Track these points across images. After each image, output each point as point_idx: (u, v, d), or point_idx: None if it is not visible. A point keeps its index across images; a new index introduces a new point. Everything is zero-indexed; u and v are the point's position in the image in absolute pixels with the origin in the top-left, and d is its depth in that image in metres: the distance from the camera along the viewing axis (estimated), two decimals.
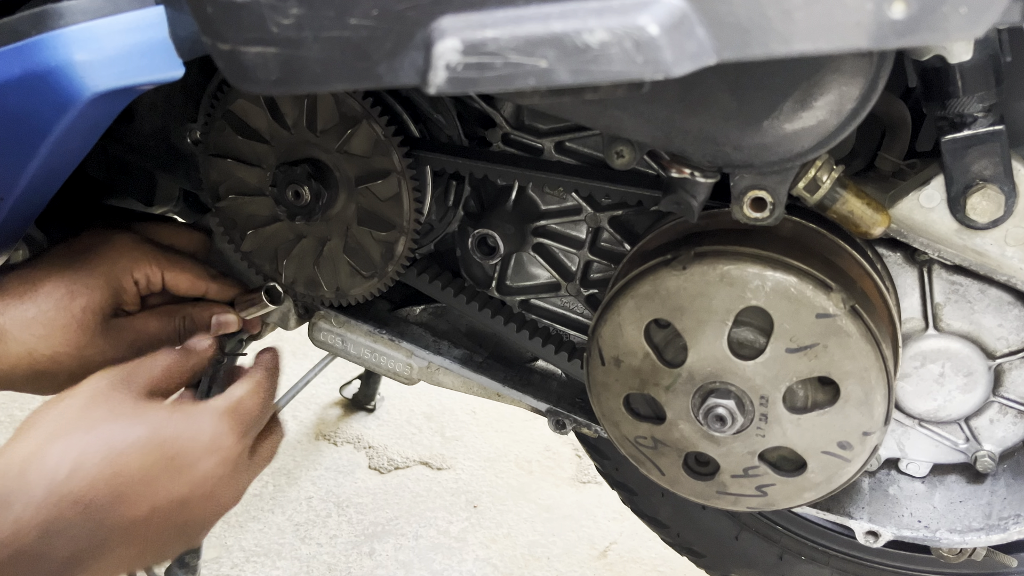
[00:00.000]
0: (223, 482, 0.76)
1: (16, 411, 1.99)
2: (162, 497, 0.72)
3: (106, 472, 0.69)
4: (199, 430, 0.75)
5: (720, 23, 0.49)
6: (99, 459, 0.70)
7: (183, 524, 0.75)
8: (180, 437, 0.74)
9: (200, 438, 0.75)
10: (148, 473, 0.71)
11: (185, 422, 0.75)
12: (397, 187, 0.89)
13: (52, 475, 0.68)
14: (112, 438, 0.71)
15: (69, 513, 0.68)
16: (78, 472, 0.68)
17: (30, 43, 0.68)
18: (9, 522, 0.66)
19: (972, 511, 0.93)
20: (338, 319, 1.03)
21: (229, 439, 0.76)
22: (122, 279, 0.91)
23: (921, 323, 0.88)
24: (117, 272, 0.91)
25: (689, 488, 0.87)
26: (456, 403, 2.17)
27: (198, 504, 0.75)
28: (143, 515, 0.72)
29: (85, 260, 0.90)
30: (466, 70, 0.50)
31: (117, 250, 0.92)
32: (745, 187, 0.75)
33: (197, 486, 0.74)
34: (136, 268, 0.92)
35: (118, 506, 0.70)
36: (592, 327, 0.82)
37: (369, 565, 1.71)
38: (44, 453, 0.69)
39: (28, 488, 0.67)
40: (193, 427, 0.75)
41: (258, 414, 0.81)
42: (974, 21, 0.48)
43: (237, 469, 0.78)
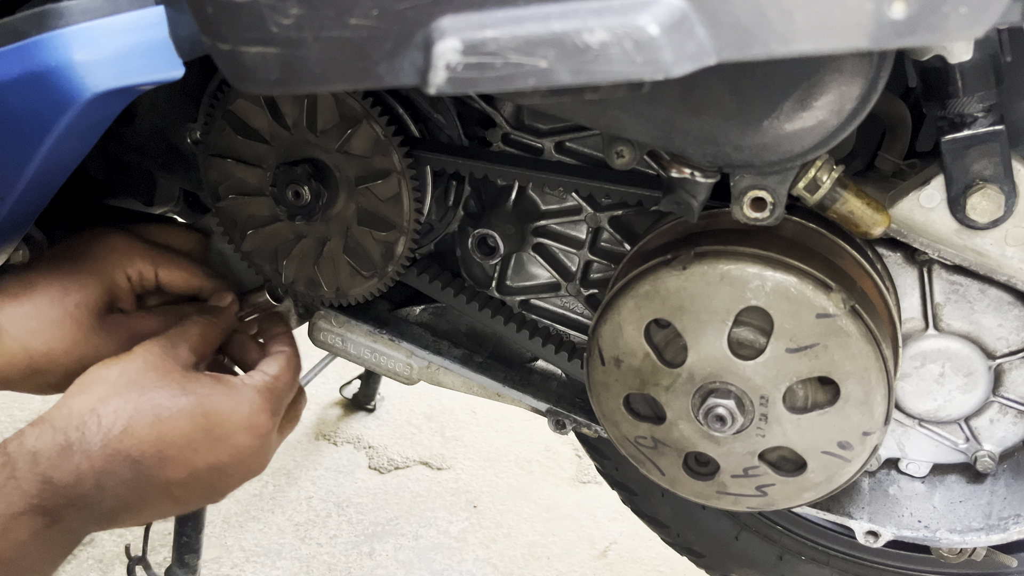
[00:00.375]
0: (255, 453, 0.84)
1: (16, 411, 1.99)
2: (200, 463, 0.80)
3: (153, 435, 0.76)
4: (238, 406, 0.82)
5: (720, 23, 0.49)
6: (148, 422, 0.76)
7: (214, 487, 0.83)
8: (221, 411, 0.81)
9: (239, 413, 0.82)
10: (190, 440, 0.78)
11: (226, 397, 0.82)
12: (397, 187, 0.89)
13: (107, 430, 0.75)
14: (161, 404, 0.78)
15: (119, 468, 0.75)
16: (129, 431, 0.75)
17: (30, 43, 0.68)
18: (71, 469, 0.72)
19: (972, 511, 0.93)
20: (338, 319, 1.03)
21: (264, 416, 0.83)
22: (115, 276, 0.92)
23: (921, 323, 0.88)
24: (109, 268, 0.92)
25: (689, 488, 0.87)
26: (456, 403, 2.17)
27: (230, 471, 0.83)
28: (181, 478, 0.79)
29: (78, 258, 0.91)
30: (466, 70, 0.50)
31: (109, 247, 0.93)
32: (745, 187, 0.75)
33: (232, 455, 0.82)
34: (129, 265, 0.93)
35: (161, 467, 0.77)
36: (592, 327, 0.82)
37: (369, 565, 1.71)
38: (101, 410, 0.76)
39: (87, 440, 0.74)
40: (233, 402, 0.82)
41: (290, 390, 0.89)
42: (974, 21, 0.48)
43: (268, 441, 0.85)
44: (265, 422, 0.84)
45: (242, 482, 0.86)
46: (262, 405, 0.83)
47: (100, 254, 0.92)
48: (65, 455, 0.73)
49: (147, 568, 1.32)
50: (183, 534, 1.43)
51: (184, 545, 1.43)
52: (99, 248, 0.93)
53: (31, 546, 0.69)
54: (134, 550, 1.33)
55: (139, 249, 0.95)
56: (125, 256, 0.93)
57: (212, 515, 1.74)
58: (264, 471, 0.88)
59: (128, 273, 0.93)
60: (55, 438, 0.73)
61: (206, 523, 1.47)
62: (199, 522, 1.44)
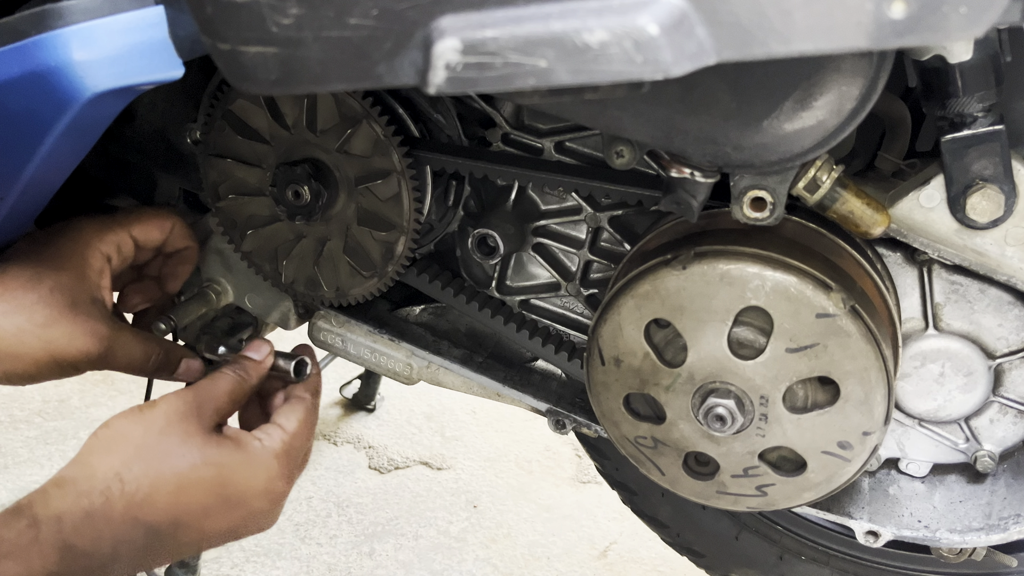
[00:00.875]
0: (267, 514, 0.85)
1: (16, 411, 1.99)
2: (213, 528, 0.81)
3: (172, 504, 0.78)
4: (256, 473, 0.82)
5: (720, 23, 0.49)
6: (169, 491, 0.77)
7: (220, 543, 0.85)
8: (239, 479, 0.81)
9: (256, 481, 0.82)
10: (206, 509, 0.80)
11: (245, 466, 0.82)
12: (397, 187, 0.89)
13: (130, 497, 0.75)
14: (182, 474, 0.78)
15: (136, 535, 0.76)
16: (150, 500, 0.76)
17: (30, 43, 0.68)
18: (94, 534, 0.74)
19: (972, 511, 0.93)
20: (338, 319, 1.03)
21: (280, 482, 0.84)
22: (88, 257, 0.90)
23: (921, 323, 0.88)
24: (82, 250, 0.90)
25: (689, 488, 0.87)
26: (456, 403, 2.17)
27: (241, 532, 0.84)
28: (194, 540, 0.81)
29: (52, 245, 0.90)
30: (466, 70, 0.50)
31: (77, 230, 0.92)
32: (745, 187, 0.75)
33: (245, 519, 0.83)
34: (100, 241, 0.91)
35: (174, 532, 0.79)
36: (592, 327, 0.82)
37: (369, 565, 1.71)
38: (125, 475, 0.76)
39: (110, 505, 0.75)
40: (251, 471, 0.82)
41: (306, 451, 0.89)
42: (974, 21, 0.48)
43: (282, 503, 0.86)
44: (281, 488, 0.84)
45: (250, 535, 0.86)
46: (279, 472, 0.83)
47: (70, 237, 0.91)
48: (88, 521, 0.73)
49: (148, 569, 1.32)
50: None
51: None
52: (69, 232, 0.91)
53: None
54: None
55: (107, 222, 0.93)
56: (95, 235, 0.91)
57: None
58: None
59: (103, 251, 0.91)
60: (79, 502, 0.74)
61: None
62: None
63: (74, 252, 0.89)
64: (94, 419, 2.02)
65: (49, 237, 0.91)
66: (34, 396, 2.02)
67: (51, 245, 0.90)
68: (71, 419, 1.99)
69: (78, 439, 1.86)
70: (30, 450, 1.90)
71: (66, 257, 0.89)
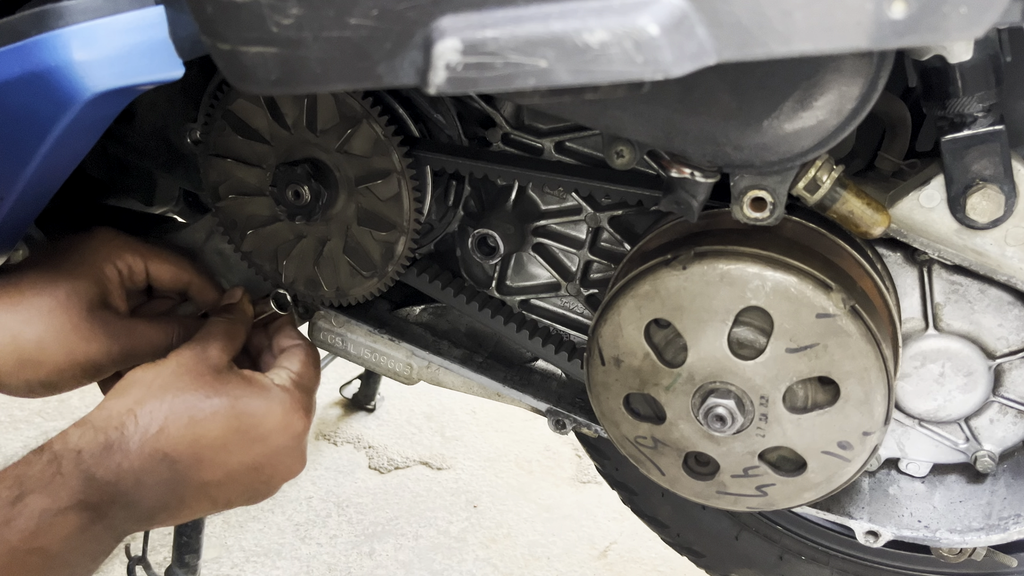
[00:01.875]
0: (291, 452, 0.85)
1: (16, 411, 1.99)
2: (235, 464, 0.81)
3: (188, 436, 0.78)
4: (271, 407, 0.83)
5: (720, 23, 0.49)
6: (183, 423, 0.78)
7: (253, 488, 0.85)
8: (255, 412, 0.82)
9: (273, 414, 0.83)
10: (225, 442, 0.80)
11: (259, 399, 0.83)
12: (397, 187, 0.89)
13: (144, 430, 0.77)
14: (195, 406, 0.79)
15: (158, 467, 0.77)
16: (165, 431, 0.77)
17: (30, 43, 0.68)
18: (112, 467, 0.75)
19: (972, 511, 0.93)
20: (338, 319, 1.03)
21: (298, 415, 0.85)
22: (104, 268, 0.92)
23: (921, 323, 0.88)
24: (99, 261, 0.92)
25: (689, 488, 0.87)
26: (456, 403, 2.17)
27: (268, 471, 0.84)
28: (218, 479, 0.81)
29: (67, 253, 0.91)
30: (466, 70, 0.50)
31: (98, 240, 0.93)
32: (745, 187, 0.75)
33: (268, 456, 0.83)
34: (118, 258, 0.93)
35: (197, 467, 0.79)
36: (592, 327, 0.82)
37: (369, 565, 1.71)
38: (138, 411, 0.78)
39: (125, 439, 0.76)
40: (266, 404, 0.83)
41: (316, 382, 0.91)
42: (974, 21, 0.48)
43: (303, 440, 0.87)
44: (299, 421, 0.85)
45: (282, 482, 0.87)
46: (294, 404, 0.85)
47: (89, 247, 0.92)
48: (106, 453, 0.75)
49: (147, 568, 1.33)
50: (183, 534, 1.43)
51: (184, 545, 1.43)
52: (88, 242, 0.93)
53: (77, 540, 0.71)
54: (134, 550, 1.33)
55: (127, 243, 0.95)
56: (114, 250, 0.93)
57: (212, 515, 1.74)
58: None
59: (118, 266, 0.93)
60: (96, 437, 0.76)
61: (206, 523, 1.47)
62: (199, 522, 1.44)
63: (92, 261, 0.91)
64: None
65: (66, 246, 0.93)
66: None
67: (68, 254, 0.91)
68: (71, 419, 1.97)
69: None
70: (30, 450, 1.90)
71: (82, 264, 0.90)
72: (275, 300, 1.00)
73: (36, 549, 0.69)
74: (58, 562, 0.70)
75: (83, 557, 0.73)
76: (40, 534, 0.69)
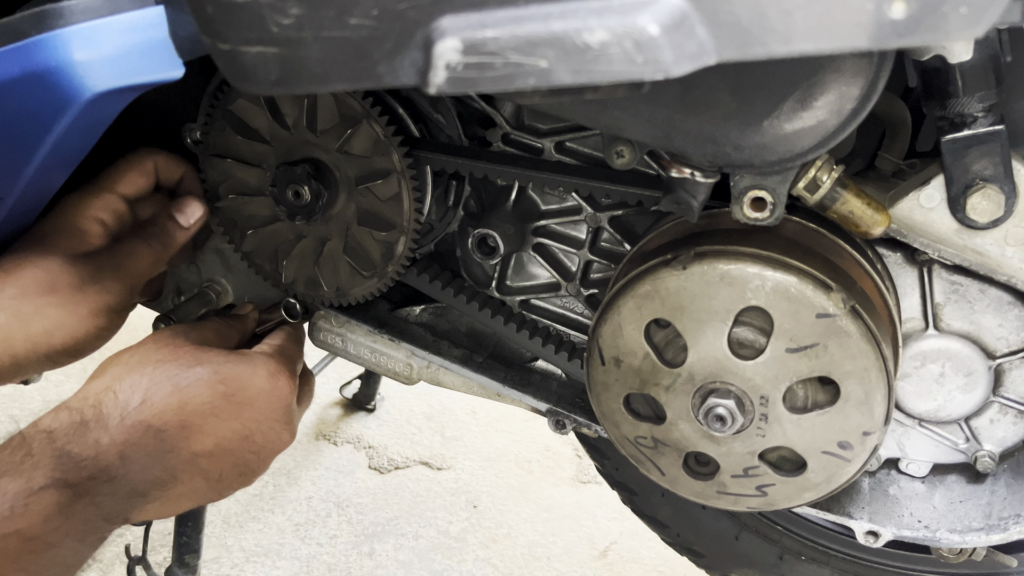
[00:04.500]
0: (279, 419, 0.83)
1: (16, 411, 1.99)
2: (224, 431, 0.79)
3: (173, 403, 0.76)
4: (255, 370, 0.82)
5: (720, 23, 0.49)
6: (166, 392, 0.76)
7: (245, 462, 0.82)
8: (239, 376, 0.80)
9: (257, 377, 0.81)
10: (212, 407, 0.78)
11: (241, 364, 0.81)
12: (397, 187, 0.89)
13: (125, 404, 0.75)
14: (177, 374, 0.78)
15: (142, 438, 0.74)
16: (148, 402, 0.75)
17: (30, 43, 0.68)
18: (90, 443, 0.72)
19: (972, 511, 0.93)
20: (338, 319, 1.03)
21: (282, 379, 0.83)
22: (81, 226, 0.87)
23: (921, 323, 0.88)
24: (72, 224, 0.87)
25: (689, 488, 0.87)
26: (456, 403, 2.17)
27: (258, 439, 0.82)
28: (208, 448, 0.78)
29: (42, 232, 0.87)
30: (466, 70, 0.50)
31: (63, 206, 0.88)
32: (745, 187, 0.75)
33: (257, 422, 0.81)
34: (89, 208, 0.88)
35: (186, 436, 0.77)
36: (592, 327, 0.82)
37: (369, 565, 1.71)
38: (116, 387, 0.76)
39: (103, 416, 0.74)
40: (249, 368, 0.82)
41: (299, 357, 0.90)
42: (974, 21, 0.48)
43: (290, 407, 0.85)
44: (284, 385, 0.84)
45: (273, 455, 0.85)
46: (278, 368, 0.83)
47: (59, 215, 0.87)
48: (81, 431, 0.73)
49: (147, 568, 1.32)
50: (183, 534, 1.43)
51: (184, 545, 1.43)
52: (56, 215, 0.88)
53: (57, 520, 0.69)
54: (134, 550, 1.33)
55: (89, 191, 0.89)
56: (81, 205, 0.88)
57: (212, 515, 1.74)
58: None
59: (95, 217, 0.88)
60: (70, 417, 0.74)
61: (206, 523, 1.47)
62: (199, 522, 1.44)
63: (66, 230, 0.86)
64: None
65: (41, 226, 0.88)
66: (34, 396, 2.02)
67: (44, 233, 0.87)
68: None
69: None
70: None
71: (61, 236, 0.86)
72: (285, 308, 1.01)
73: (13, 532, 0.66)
74: (39, 544, 0.67)
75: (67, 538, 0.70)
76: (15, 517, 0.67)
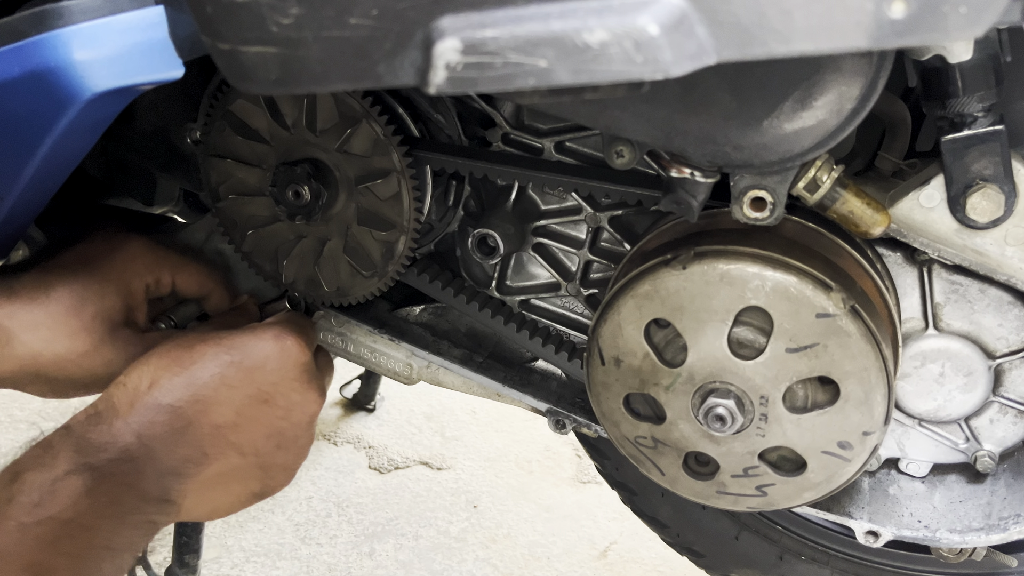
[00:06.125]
0: (299, 379, 0.82)
1: (16, 411, 1.99)
2: (241, 398, 0.78)
3: (183, 381, 0.77)
4: (262, 337, 0.81)
5: (720, 23, 0.49)
6: (174, 372, 0.77)
7: (278, 430, 0.81)
8: (245, 343, 0.80)
9: (263, 342, 0.81)
10: (223, 377, 0.78)
11: (246, 334, 0.81)
12: (397, 187, 0.89)
13: (134, 391, 0.76)
14: (182, 356, 0.78)
15: (158, 418, 0.75)
16: (157, 383, 0.76)
17: (30, 43, 0.68)
18: (105, 429, 0.74)
19: (972, 511, 0.93)
20: (338, 319, 1.03)
21: (289, 340, 0.82)
22: (133, 285, 0.92)
23: (921, 323, 0.88)
24: (128, 278, 0.92)
25: (689, 488, 0.87)
26: (456, 403, 2.17)
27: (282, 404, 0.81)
28: (230, 419, 0.78)
29: (97, 267, 0.90)
30: (466, 70, 0.50)
31: (130, 254, 0.93)
32: (745, 187, 0.75)
33: (274, 384, 0.80)
34: (147, 273, 0.93)
35: (203, 410, 0.77)
36: (592, 327, 0.82)
37: (369, 565, 1.71)
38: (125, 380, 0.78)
39: (115, 406, 0.75)
40: (255, 337, 0.81)
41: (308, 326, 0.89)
42: (974, 21, 0.48)
43: (307, 373, 0.83)
44: (292, 345, 0.82)
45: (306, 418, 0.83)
46: (283, 331, 0.82)
47: (120, 262, 0.92)
48: (94, 420, 0.74)
49: (147, 568, 1.32)
50: (183, 534, 1.43)
51: (184, 545, 1.43)
52: (119, 256, 0.92)
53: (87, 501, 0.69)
54: None
55: (158, 257, 0.95)
56: (144, 265, 0.93)
57: None
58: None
59: (146, 281, 0.93)
60: (85, 412, 0.76)
61: (206, 523, 1.47)
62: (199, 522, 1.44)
63: (120, 279, 0.91)
64: None
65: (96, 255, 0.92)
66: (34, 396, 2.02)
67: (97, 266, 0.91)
68: None
69: None
70: None
71: (111, 281, 0.90)
72: (290, 301, 1.01)
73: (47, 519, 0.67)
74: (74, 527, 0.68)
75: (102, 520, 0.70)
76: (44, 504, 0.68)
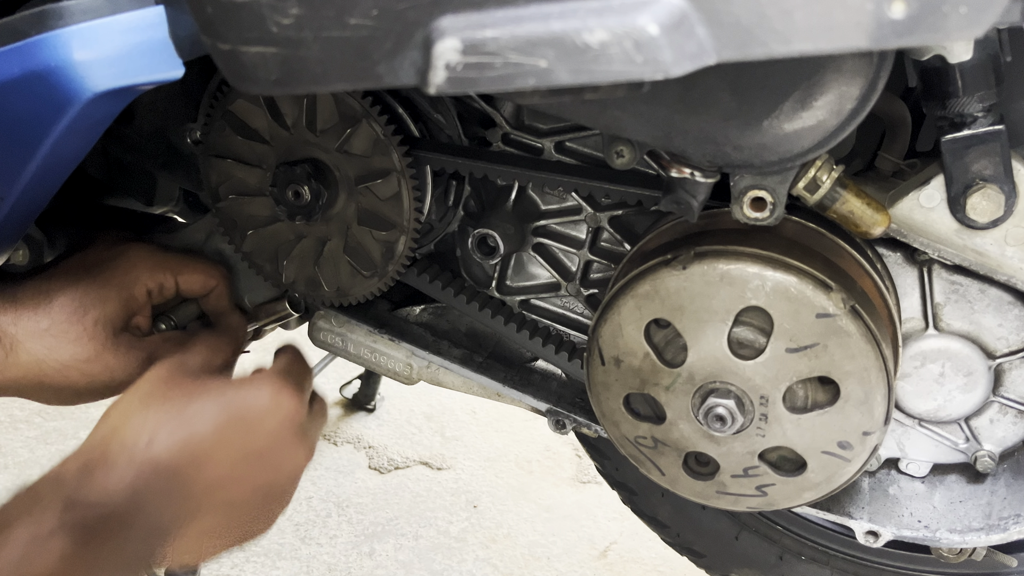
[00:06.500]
0: (292, 436, 0.82)
1: (16, 411, 1.99)
2: (237, 453, 0.78)
3: (179, 438, 0.75)
4: (258, 391, 0.80)
5: (720, 23, 0.49)
6: (172, 427, 0.75)
7: (267, 483, 0.81)
8: (243, 398, 0.79)
9: (261, 396, 0.80)
10: (220, 433, 0.77)
11: (243, 387, 0.81)
12: (397, 187, 0.89)
13: (132, 447, 0.73)
14: (181, 408, 0.77)
15: (154, 479, 0.73)
16: (155, 441, 0.74)
17: (30, 43, 0.68)
18: (96, 486, 0.71)
19: (972, 511, 0.93)
20: (338, 319, 1.03)
21: (286, 394, 0.82)
22: (135, 291, 0.92)
23: (921, 323, 0.88)
24: (130, 284, 0.92)
25: (689, 488, 0.87)
26: (456, 403, 2.17)
27: (274, 461, 0.81)
28: (223, 475, 0.77)
29: (99, 273, 0.91)
30: (466, 70, 0.50)
31: (131, 261, 0.93)
32: (745, 187, 0.75)
33: (269, 441, 0.80)
34: (150, 279, 0.93)
35: (197, 467, 0.76)
36: (592, 327, 0.82)
37: (369, 565, 1.71)
38: (121, 431, 0.75)
39: (109, 460, 0.72)
40: (251, 390, 0.80)
41: (305, 374, 0.88)
42: (974, 21, 0.48)
43: (301, 428, 0.83)
44: (287, 402, 0.82)
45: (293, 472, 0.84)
46: (281, 386, 0.82)
47: (122, 268, 0.92)
48: (87, 473, 0.72)
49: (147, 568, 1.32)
50: None
51: None
52: (122, 262, 0.92)
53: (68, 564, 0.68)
54: None
55: (160, 262, 0.95)
56: (146, 271, 0.93)
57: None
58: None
59: (148, 287, 0.93)
60: (76, 461, 0.73)
61: None
62: None
63: (122, 284, 0.91)
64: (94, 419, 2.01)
65: (98, 261, 0.92)
66: None
67: (99, 272, 0.91)
68: (71, 419, 1.99)
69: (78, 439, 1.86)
70: (30, 450, 1.90)
71: (113, 287, 0.90)
72: (290, 301, 1.00)
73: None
74: None
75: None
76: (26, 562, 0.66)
